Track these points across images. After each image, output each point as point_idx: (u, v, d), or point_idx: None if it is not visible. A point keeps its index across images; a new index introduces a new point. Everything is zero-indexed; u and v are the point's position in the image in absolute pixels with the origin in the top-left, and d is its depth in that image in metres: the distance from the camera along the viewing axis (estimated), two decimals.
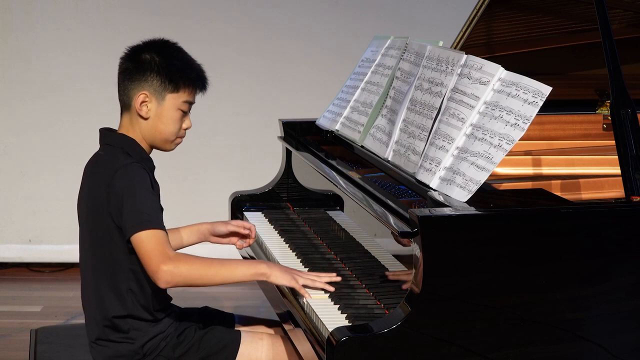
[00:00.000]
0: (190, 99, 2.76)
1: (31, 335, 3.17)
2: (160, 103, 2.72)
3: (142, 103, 2.71)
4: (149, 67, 2.71)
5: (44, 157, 5.51)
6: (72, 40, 5.45)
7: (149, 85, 2.71)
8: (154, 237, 2.58)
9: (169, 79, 2.71)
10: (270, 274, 2.67)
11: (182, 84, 2.72)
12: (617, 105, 2.58)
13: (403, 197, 2.86)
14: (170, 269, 2.55)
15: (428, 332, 2.30)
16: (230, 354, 2.78)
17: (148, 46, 2.76)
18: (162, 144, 2.77)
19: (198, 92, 2.78)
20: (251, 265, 2.72)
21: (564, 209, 2.42)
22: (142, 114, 2.72)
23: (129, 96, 2.73)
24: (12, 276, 5.52)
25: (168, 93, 2.72)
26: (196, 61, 2.79)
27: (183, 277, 2.57)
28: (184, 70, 2.73)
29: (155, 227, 2.59)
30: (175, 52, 2.77)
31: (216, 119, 5.50)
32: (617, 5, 3.49)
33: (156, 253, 2.56)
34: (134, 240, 2.59)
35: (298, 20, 5.53)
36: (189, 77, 2.74)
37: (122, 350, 2.71)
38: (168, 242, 2.60)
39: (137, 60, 2.73)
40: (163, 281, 2.57)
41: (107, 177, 2.65)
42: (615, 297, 2.42)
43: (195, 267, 2.59)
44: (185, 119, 2.77)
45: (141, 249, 2.58)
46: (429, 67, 2.83)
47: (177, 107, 2.73)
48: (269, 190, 3.68)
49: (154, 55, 2.72)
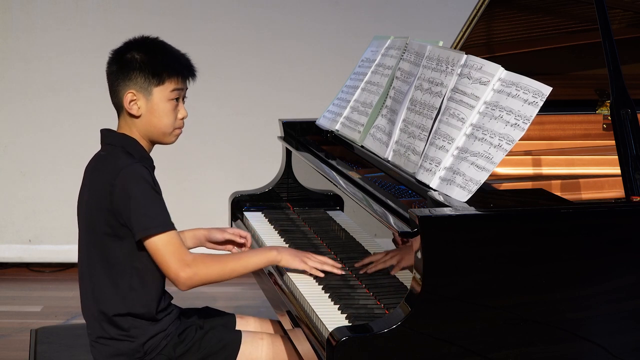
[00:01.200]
0: (178, 86, 2.76)
1: (31, 335, 3.17)
2: (148, 98, 2.73)
3: (131, 102, 2.73)
4: (132, 66, 2.72)
5: (44, 157, 5.51)
6: (72, 40, 5.45)
7: (133, 84, 2.72)
8: (170, 242, 2.63)
9: (151, 73, 2.72)
10: (281, 259, 2.79)
11: (165, 75, 2.73)
12: (617, 105, 2.58)
13: (403, 197, 2.86)
14: (189, 275, 2.63)
15: (428, 332, 2.30)
16: (230, 354, 2.78)
17: (129, 46, 2.77)
18: (161, 137, 2.78)
19: (187, 79, 2.78)
20: (263, 254, 2.80)
21: (564, 209, 2.42)
22: (133, 113, 2.73)
23: (118, 98, 2.75)
24: (12, 276, 5.52)
25: (153, 87, 2.73)
26: (179, 51, 2.80)
27: (202, 279, 2.66)
28: (166, 61, 2.74)
29: (168, 229, 2.64)
30: (156, 46, 2.78)
31: (216, 119, 5.50)
32: (617, 5, 3.49)
33: (174, 260, 2.63)
34: (148, 244, 2.64)
35: (298, 20, 5.53)
36: (172, 66, 2.75)
37: (122, 348, 2.72)
38: (183, 244, 2.67)
39: (120, 61, 2.74)
40: (184, 286, 2.65)
41: (109, 177, 2.66)
42: (615, 297, 2.42)
43: (212, 268, 2.67)
44: (179, 108, 2.77)
45: (158, 255, 2.64)
46: (429, 67, 2.83)
47: (166, 99, 2.74)
48: (269, 190, 3.68)
49: (135, 54, 2.74)
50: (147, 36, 2.81)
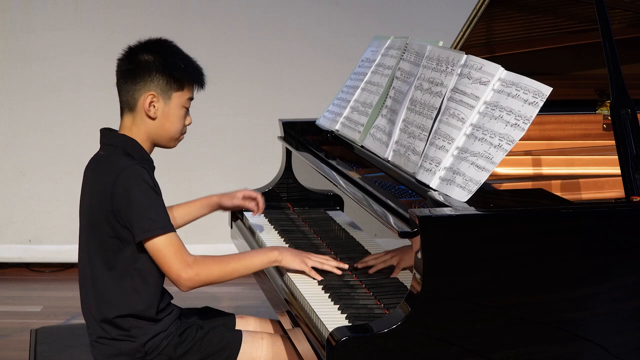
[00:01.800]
0: (192, 95, 2.80)
1: (31, 335, 3.17)
2: (167, 102, 2.74)
3: (151, 103, 2.72)
4: (153, 67, 2.72)
5: (44, 157, 5.51)
6: (72, 40, 5.45)
7: (155, 86, 2.72)
8: (171, 243, 2.64)
9: (173, 78, 2.74)
10: (282, 259, 2.80)
11: (185, 82, 2.76)
12: (617, 105, 2.58)
13: (403, 197, 2.86)
14: (191, 276, 2.64)
15: (428, 332, 2.30)
16: (231, 354, 2.78)
17: (146, 46, 2.77)
18: (168, 142, 2.79)
19: (197, 88, 2.81)
20: (264, 254, 2.81)
21: (564, 209, 2.42)
22: (150, 115, 2.73)
23: (134, 97, 2.74)
24: (12, 276, 5.52)
25: (174, 92, 2.74)
26: (193, 58, 2.82)
27: (203, 280, 2.68)
28: (185, 68, 2.76)
29: (168, 230, 2.64)
30: (174, 51, 2.80)
31: (216, 120, 5.50)
32: (617, 5, 3.49)
33: (176, 262, 2.64)
34: (149, 246, 2.64)
35: (298, 20, 5.53)
36: (190, 74, 2.78)
37: (123, 348, 2.72)
38: (183, 245, 2.67)
39: (137, 61, 2.73)
40: (185, 287, 2.67)
41: (110, 178, 2.66)
42: (615, 297, 2.42)
43: (213, 269, 2.68)
44: (186, 115, 2.79)
45: (159, 257, 2.65)
46: (429, 67, 2.83)
47: (182, 105, 2.77)
48: (269, 190, 3.68)
49: (155, 55, 2.73)
50: (165, 39, 2.82)
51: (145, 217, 2.63)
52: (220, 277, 2.70)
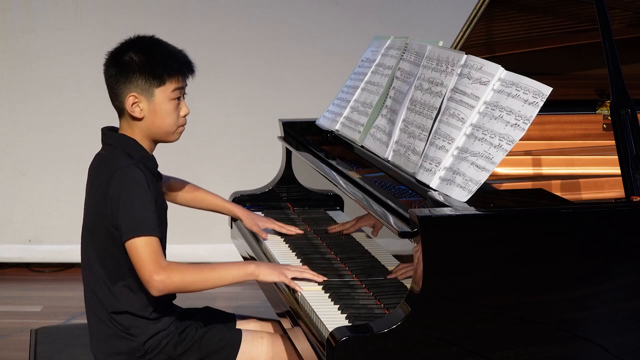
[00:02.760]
0: (179, 85, 2.75)
1: (31, 335, 3.17)
2: (150, 100, 2.72)
3: (133, 105, 2.71)
4: (131, 68, 2.71)
5: (44, 157, 5.51)
6: (72, 40, 5.45)
7: (134, 86, 2.71)
8: (148, 245, 2.61)
9: (152, 74, 2.70)
10: (259, 273, 2.71)
11: (166, 75, 2.72)
12: (617, 105, 2.58)
13: (403, 197, 2.86)
14: (162, 279, 2.60)
15: (428, 332, 2.30)
16: (231, 353, 2.78)
17: (125, 47, 2.75)
18: (165, 136, 2.78)
19: (187, 76, 2.77)
20: (240, 267, 2.73)
21: (564, 209, 2.42)
22: (136, 115, 2.72)
23: (119, 101, 2.74)
24: (12, 276, 5.52)
25: (155, 88, 2.71)
26: (176, 48, 2.79)
27: (175, 285, 2.63)
28: (165, 61, 2.73)
29: (148, 233, 2.61)
30: (153, 46, 2.76)
31: (216, 119, 5.50)
32: (617, 5, 3.49)
33: (149, 262, 2.60)
34: (128, 245, 2.62)
35: (298, 20, 5.53)
36: (172, 66, 2.73)
37: (123, 347, 2.72)
38: (161, 249, 2.64)
39: (118, 64, 2.73)
40: (155, 290, 2.61)
41: (105, 179, 2.66)
42: (615, 297, 2.42)
43: (187, 275, 2.64)
44: (181, 106, 2.77)
45: (135, 256, 2.62)
46: (429, 67, 2.83)
47: (168, 99, 2.73)
48: (269, 190, 3.68)
49: (133, 55, 2.72)
50: (143, 35, 2.79)
51: (131, 218, 2.62)
52: (192, 285, 2.65)
